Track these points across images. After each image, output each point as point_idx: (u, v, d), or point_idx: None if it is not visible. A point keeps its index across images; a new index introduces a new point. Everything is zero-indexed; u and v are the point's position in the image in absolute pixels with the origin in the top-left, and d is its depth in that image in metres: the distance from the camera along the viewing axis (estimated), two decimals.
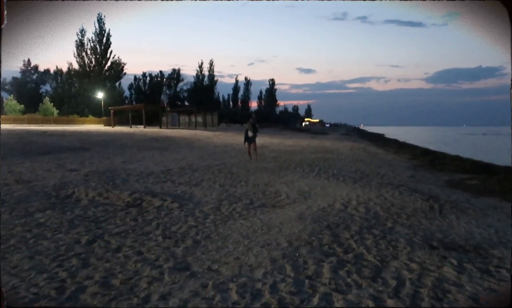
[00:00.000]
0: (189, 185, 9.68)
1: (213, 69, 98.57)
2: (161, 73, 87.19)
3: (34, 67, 78.35)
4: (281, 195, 8.64)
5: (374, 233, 5.81)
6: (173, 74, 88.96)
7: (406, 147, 32.90)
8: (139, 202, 7.51)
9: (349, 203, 7.90)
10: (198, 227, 5.97)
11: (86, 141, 21.54)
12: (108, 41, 68.82)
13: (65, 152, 16.31)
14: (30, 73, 78.46)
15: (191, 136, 32.05)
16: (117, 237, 5.41)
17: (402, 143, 40.50)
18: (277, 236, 5.52)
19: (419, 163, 18.14)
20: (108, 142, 22.20)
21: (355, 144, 32.48)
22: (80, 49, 67.54)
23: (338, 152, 21.80)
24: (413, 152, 25.01)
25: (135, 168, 12.36)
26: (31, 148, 16.65)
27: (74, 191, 8.23)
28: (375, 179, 11.43)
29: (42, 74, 78.32)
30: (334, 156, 18.88)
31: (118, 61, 70.78)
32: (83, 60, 67.77)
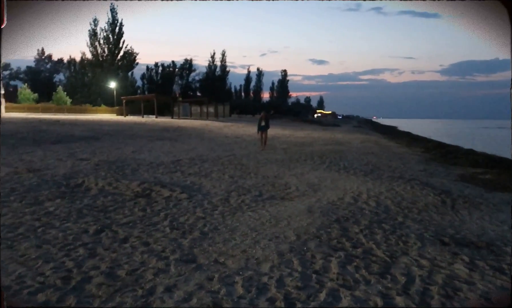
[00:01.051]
0: (198, 176, 9.66)
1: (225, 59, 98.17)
2: (173, 63, 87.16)
3: (48, 56, 79.00)
4: (290, 188, 8.57)
5: (384, 227, 5.72)
6: (185, 64, 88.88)
7: (418, 140, 32.53)
8: (148, 192, 7.50)
9: (359, 196, 7.81)
10: (206, 219, 5.94)
11: (98, 131, 21.66)
12: (120, 30, 68.88)
13: (77, 141, 16.42)
14: (44, 62, 79.16)
15: (202, 127, 32.08)
16: (124, 227, 5.40)
17: (414, 136, 40.06)
18: (285, 229, 5.47)
19: (431, 157, 17.90)
20: (119, 131, 22.31)
21: (367, 137, 32.20)
22: (93, 39, 67.74)
23: (349, 145, 21.62)
24: (426, 145, 24.70)
25: (145, 158, 12.38)
26: (43, 137, 16.80)
27: (84, 181, 8.26)
28: (386, 172, 11.30)
29: (55, 64, 78.93)
30: (345, 149, 18.73)
31: (131, 50, 70.88)
32: (96, 50, 67.99)
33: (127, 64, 70.73)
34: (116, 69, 67.84)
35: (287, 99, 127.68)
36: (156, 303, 3.34)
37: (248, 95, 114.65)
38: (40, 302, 3.31)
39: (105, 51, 68.23)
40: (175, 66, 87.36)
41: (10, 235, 4.88)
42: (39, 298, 3.36)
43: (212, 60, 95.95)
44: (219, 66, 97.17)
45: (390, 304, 3.47)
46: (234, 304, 3.36)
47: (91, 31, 67.52)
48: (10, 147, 13.16)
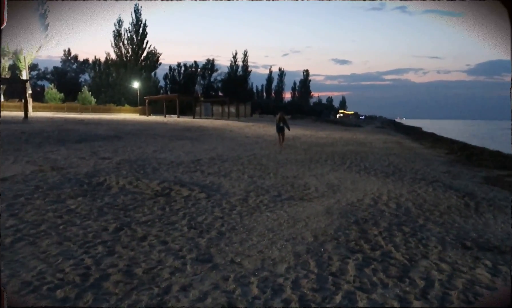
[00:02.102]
0: (218, 175, 9.70)
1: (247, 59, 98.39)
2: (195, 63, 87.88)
3: (74, 57, 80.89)
4: (309, 188, 8.52)
5: (404, 230, 5.62)
6: (207, 64, 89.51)
7: (443, 141, 31.89)
8: (168, 192, 7.58)
9: (380, 198, 7.70)
10: (223, 218, 5.96)
11: (120, 130, 22.02)
12: (144, 31, 69.90)
13: (100, 141, 16.73)
14: (70, 63, 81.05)
15: (223, 126, 32.23)
16: (143, 225, 5.47)
17: (439, 137, 39.30)
18: (303, 230, 5.44)
19: (455, 158, 17.52)
20: (141, 131, 22.62)
21: (389, 138, 31.76)
22: (117, 39, 68.96)
23: (371, 145, 21.36)
24: (450, 147, 24.19)
25: (166, 158, 12.52)
26: (68, 136, 17.18)
27: (106, 179, 8.40)
28: (408, 174, 11.11)
29: (81, 64, 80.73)
30: (367, 149, 18.51)
31: (154, 51, 71.86)
32: (120, 50, 69.18)
33: (150, 64, 71.73)
34: (140, 69, 68.87)
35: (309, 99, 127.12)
36: (171, 302, 3.37)
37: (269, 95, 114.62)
38: (58, 298, 3.38)
39: (129, 51, 69.36)
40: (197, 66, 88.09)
41: (32, 231, 5.01)
42: (57, 294, 3.43)
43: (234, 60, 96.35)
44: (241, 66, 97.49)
45: None
46: (249, 304, 3.36)
47: (116, 32, 68.78)
48: (36, 146, 13.51)
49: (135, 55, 69.40)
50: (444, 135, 43.42)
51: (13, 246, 4.50)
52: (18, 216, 5.64)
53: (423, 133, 51.97)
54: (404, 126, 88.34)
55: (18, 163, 10.08)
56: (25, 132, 16.90)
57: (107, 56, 70.02)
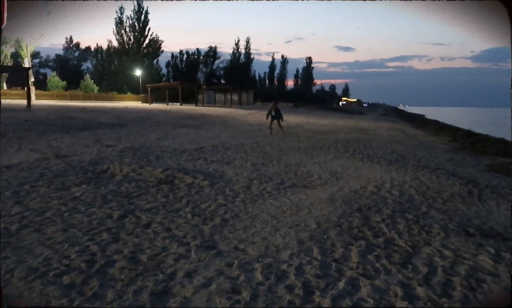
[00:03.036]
0: (221, 163, 9.73)
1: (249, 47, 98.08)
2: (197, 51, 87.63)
3: (76, 44, 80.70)
4: (312, 176, 8.54)
5: (407, 217, 5.64)
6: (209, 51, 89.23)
7: (446, 128, 31.76)
8: (171, 179, 7.61)
9: (383, 185, 7.71)
10: (227, 206, 5.99)
11: (123, 118, 22.04)
12: (146, 18, 69.56)
13: (103, 128, 16.76)
14: (72, 50, 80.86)
15: (226, 114, 32.19)
16: (147, 213, 5.50)
17: (442, 124, 39.12)
18: (306, 217, 5.46)
19: (459, 146, 17.48)
20: (144, 119, 22.63)
21: (393, 125, 31.67)
22: (119, 27, 68.65)
23: (374, 133, 21.32)
24: (454, 134, 24.11)
25: (169, 145, 12.54)
26: (71, 124, 17.22)
27: (109, 167, 8.43)
28: (411, 161, 11.11)
29: (83, 52, 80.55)
30: (370, 137, 18.48)
31: (156, 38, 71.57)
32: (122, 38, 68.91)
33: (152, 52, 71.48)
34: (142, 57, 68.66)
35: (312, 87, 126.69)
36: (176, 288, 3.41)
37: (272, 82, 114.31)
38: (65, 284, 3.42)
39: (131, 39, 69.09)
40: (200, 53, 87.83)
41: (37, 219, 5.05)
42: (64, 280, 3.47)
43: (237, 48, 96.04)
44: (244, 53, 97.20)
45: (411, 294, 3.43)
46: (253, 290, 3.39)
47: (117, 19, 68.45)
48: (40, 134, 13.55)
49: (137, 43, 69.15)
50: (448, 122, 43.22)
51: (19, 233, 4.54)
52: (23, 203, 5.68)
53: (427, 120, 51.70)
54: (407, 113, 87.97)
55: (22, 151, 10.12)
56: (28, 120, 16.94)
57: (109, 44, 69.83)
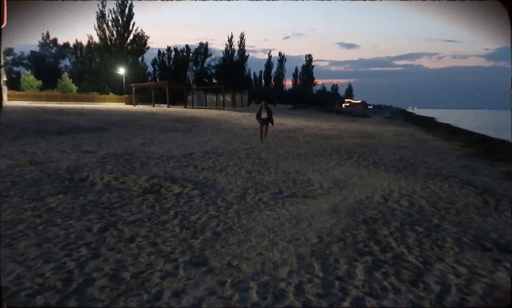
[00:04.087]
0: (212, 170, 9.70)
1: (244, 43, 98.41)
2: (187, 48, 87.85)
3: (53, 40, 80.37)
4: (313, 185, 8.53)
5: (417, 230, 5.64)
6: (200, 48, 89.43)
7: (459, 133, 31.92)
8: (157, 188, 7.57)
9: (390, 195, 7.71)
10: (219, 218, 5.96)
11: (105, 121, 21.97)
12: (130, 12, 69.67)
13: (82, 132, 16.70)
14: (48, 47, 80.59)
15: (218, 117, 32.19)
16: (131, 225, 5.46)
17: (455, 128, 39.33)
18: (306, 230, 5.44)
19: (473, 152, 17.54)
20: (127, 122, 22.58)
21: (400, 129, 31.79)
22: (101, 21, 68.65)
23: (381, 138, 21.38)
24: (467, 139, 24.21)
25: (155, 151, 12.50)
26: (47, 127, 17.13)
27: (89, 175, 8.38)
28: (421, 168, 11.13)
29: (61, 48, 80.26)
30: (376, 142, 18.52)
31: (141, 34, 71.66)
32: (104, 33, 68.91)
33: (137, 48, 71.53)
34: (126, 54, 68.67)
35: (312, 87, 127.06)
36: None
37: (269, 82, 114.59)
38: (38, 306, 3.37)
39: (114, 34, 69.13)
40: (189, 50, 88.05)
41: (9, 232, 4.99)
42: (38, 301, 3.42)
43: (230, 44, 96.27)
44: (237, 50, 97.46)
45: None
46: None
47: (99, 13, 68.48)
48: (12, 138, 13.47)
49: (120, 39, 69.18)
50: (460, 126, 43.48)
51: None
52: None
53: (437, 124, 51.99)
54: (417, 116, 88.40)
55: None
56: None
57: (89, 40, 69.75)
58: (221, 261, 4.35)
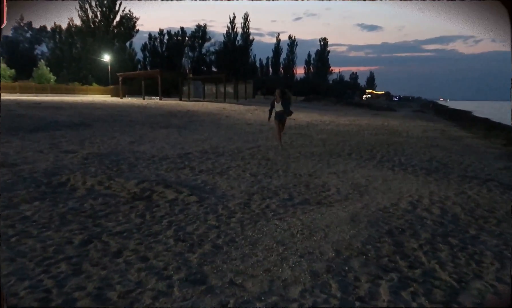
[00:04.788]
0: (212, 173, 9.71)
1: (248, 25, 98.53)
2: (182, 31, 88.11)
3: (28, 23, 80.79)
4: (329, 190, 8.52)
5: (451, 242, 5.61)
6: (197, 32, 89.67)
7: (500, 128, 31.76)
8: (148, 194, 7.59)
9: (420, 201, 7.69)
10: (220, 228, 5.96)
11: (88, 116, 22.06)
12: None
13: (62, 129, 16.77)
14: (23, 30, 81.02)
15: (218, 111, 32.24)
16: (118, 237, 5.47)
17: (494, 123, 39.15)
18: (322, 243, 5.43)
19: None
20: (114, 117, 22.65)
21: (431, 124, 31.71)
22: (83, 1, 68.95)
23: (408, 135, 21.34)
24: (510, 136, 24.10)
25: (146, 151, 12.54)
26: (21, 123, 17.22)
27: (70, 178, 8.42)
28: (455, 170, 11.10)
29: (37, 32, 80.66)
30: (402, 140, 18.49)
31: (129, 15, 71.95)
32: (87, 14, 69.24)
33: (124, 32, 71.82)
34: (112, 38, 68.96)
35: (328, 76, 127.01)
36: None
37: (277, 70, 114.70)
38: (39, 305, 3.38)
39: (98, 16, 69.44)
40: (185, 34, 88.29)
41: None
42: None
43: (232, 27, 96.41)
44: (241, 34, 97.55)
45: None
46: None
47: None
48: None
49: (105, 21, 69.47)
50: (501, 121, 43.27)
51: None
52: None
53: (474, 118, 51.82)
54: (449, 109, 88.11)
55: None
56: None
57: (70, 22, 70.09)
58: (222, 279, 4.35)
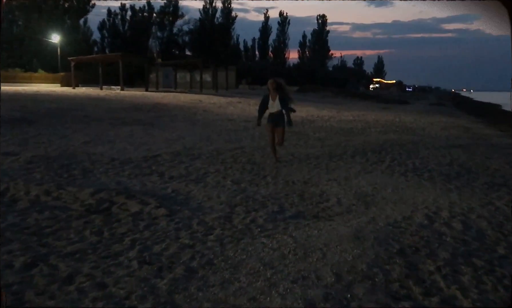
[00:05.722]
0: (185, 180, 9.70)
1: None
2: (149, 5, 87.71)
3: None
4: (328, 200, 8.55)
5: (475, 264, 5.65)
6: (167, 6, 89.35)
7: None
8: (107, 206, 7.56)
9: (437, 214, 7.74)
10: (195, 248, 5.95)
11: (32, 110, 21.89)
12: None
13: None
14: None
15: (193, 104, 32.18)
16: (69, 259, 5.44)
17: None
18: (319, 265, 5.44)
19: None
20: (65, 111, 22.52)
21: (451, 120, 31.94)
22: None
23: (424, 133, 21.47)
24: None
25: (104, 153, 12.49)
26: None
27: (9, 187, 8.35)
28: (481, 176, 11.18)
29: None
30: (417, 139, 18.59)
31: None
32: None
33: (78, 6, 71.34)
34: (62, 14, 68.45)
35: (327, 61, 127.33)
36: None
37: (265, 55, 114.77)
38: None
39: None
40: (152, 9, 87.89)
41: None
42: None
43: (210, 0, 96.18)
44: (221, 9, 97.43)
45: None
46: None
47: None
48: None
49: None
50: None
51: None
52: None
53: (504, 113, 52.25)
54: (474, 102, 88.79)
55: None
56: None
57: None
58: None
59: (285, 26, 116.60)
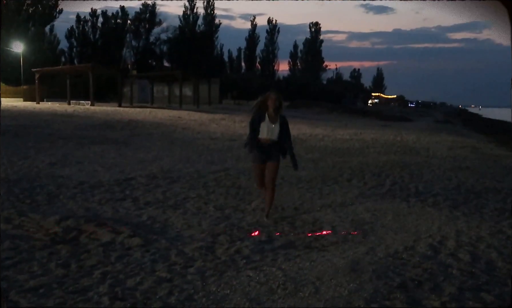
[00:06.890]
0: (162, 206, 9.69)
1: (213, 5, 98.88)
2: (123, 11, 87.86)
3: None
4: (322, 228, 8.56)
5: (484, 299, 5.68)
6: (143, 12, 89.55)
7: None
8: (75, 235, 7.53)
9: (443, 244, 7.77)
10: (173, 282, 5.94)
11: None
12: None
13: None
14: None
15: (172, 121, 32.16)
16: (31, 295, 5.41)
17: None
18: (311, 301, 5.45)
19: None
20: (28, 128, 22.44)
21: (459, 139, 32.13)
22: None
23: (428, 153, 21.56)
24: None
25: (72, 175, 12.46)
26: None
27: None
28: (491, 202, 11.23)
29: None
30: (421, 160, 18.67)
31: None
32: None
33: (43, 12, 71.35)
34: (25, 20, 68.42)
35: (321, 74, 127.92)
36: None
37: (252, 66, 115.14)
38: None
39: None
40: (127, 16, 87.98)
41: None
42: None
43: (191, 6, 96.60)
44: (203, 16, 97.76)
45: None
46: None
47: None
48: None
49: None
50: None
51: None
52: None
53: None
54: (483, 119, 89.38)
55: None
56: None
57: None
58: None
59: (274, 34, 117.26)
